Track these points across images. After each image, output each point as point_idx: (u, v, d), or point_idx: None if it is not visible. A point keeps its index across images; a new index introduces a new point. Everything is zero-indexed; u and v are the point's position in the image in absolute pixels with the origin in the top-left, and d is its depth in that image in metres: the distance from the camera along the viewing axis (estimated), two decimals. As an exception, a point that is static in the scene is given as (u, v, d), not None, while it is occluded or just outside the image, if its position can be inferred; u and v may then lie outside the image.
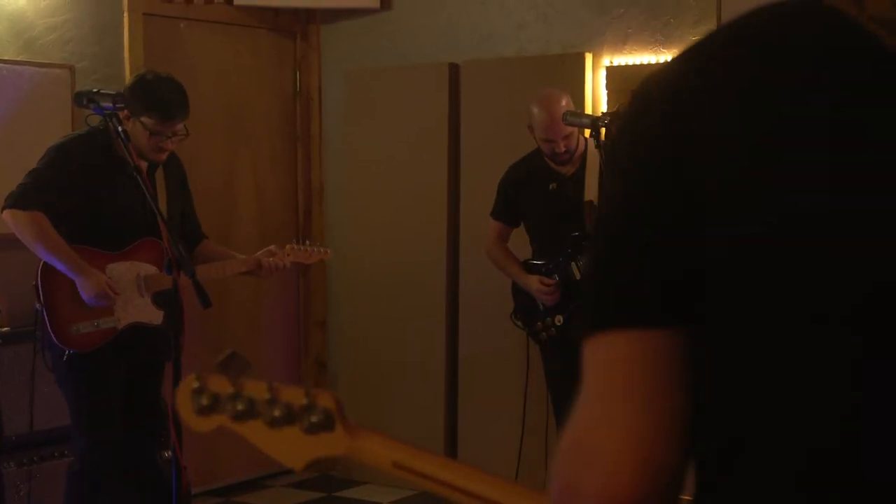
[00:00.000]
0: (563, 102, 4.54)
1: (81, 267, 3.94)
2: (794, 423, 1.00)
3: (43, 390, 4.44)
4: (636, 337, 1.02)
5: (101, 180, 4.01)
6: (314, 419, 1.21)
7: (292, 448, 1.23)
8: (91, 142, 4.05)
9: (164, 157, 4.10)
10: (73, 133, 4.13)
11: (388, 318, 5.92)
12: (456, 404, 5.75)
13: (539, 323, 4.68)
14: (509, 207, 4.80)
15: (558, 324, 4.63)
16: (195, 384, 1.27)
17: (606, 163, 1.14)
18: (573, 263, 4.56)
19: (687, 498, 1.07)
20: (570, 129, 4.48)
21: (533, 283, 4.63)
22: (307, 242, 4.55)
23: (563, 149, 4.53)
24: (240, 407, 1.24)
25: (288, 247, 4.41)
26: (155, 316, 4.10)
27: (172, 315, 3.71)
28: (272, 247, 4.36)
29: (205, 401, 1.26)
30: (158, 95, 4.00)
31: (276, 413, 1.22)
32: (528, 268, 4.72)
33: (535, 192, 4.69)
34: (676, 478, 1.01)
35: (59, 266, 3.93)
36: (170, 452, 3.86)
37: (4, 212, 3.96)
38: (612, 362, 1.03)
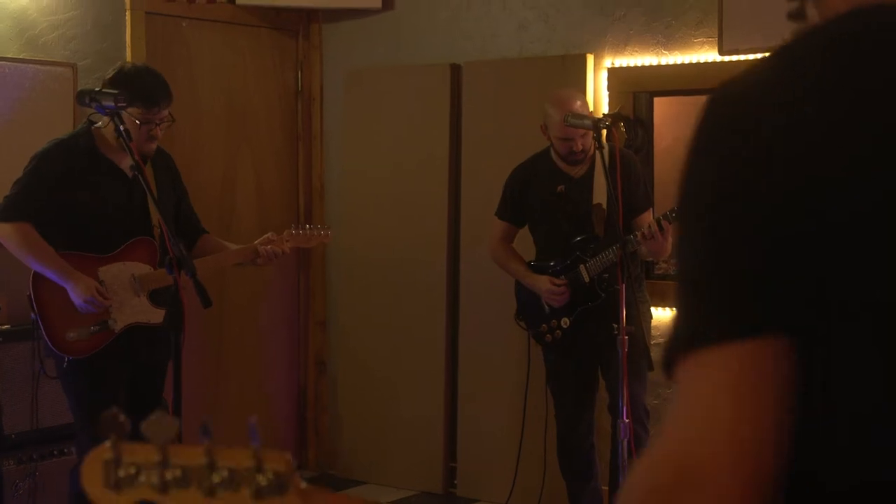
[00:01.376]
0: (579, 103, 4.52)
1: (70, 273, 3.92)
2: None
3: (44, 388, 4.45)
4: (749, 349, 0.97)
5: (87, 183, 3.99)
6: (263, 482, 1.07)
7: None
8: (74, 145, 4.02)
9: (154, 146, 4.08)
10: (57, 138, 4.09)
11: (388, 317, 5.92)
12: (456, 404, 5.75)
13: (544, 325, 4.66)
14: (515, 208, 4.76)
15: (565, 326, 4.60)
16: (108, 455, 1.10)
17: (690, 172, 1.10)
18: (582, 266, 4.54)
19: None
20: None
21: (543, 283, 4.58)
22: (307, 227, 4.47)
23: (581, 147, 4.49)
24: (168, 476, 1.08)
25: (286, 232, 4.35)
26: (153, 315, 4.07)
27: (173, 314, 3.70)
28: (269, 234, 4.31)
29: (122, 473, 1.09)
30: (140, 85, 3.98)
31: (216, 479, 1.07)
32: (535, 269, 4.70)
33: (542, 193, 4.65)
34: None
35: (49, 274, 3.92)
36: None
37: None
38: (721, 379, 0.98)
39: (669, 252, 4.54)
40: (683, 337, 1.01)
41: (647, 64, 5.22)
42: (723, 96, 1.05)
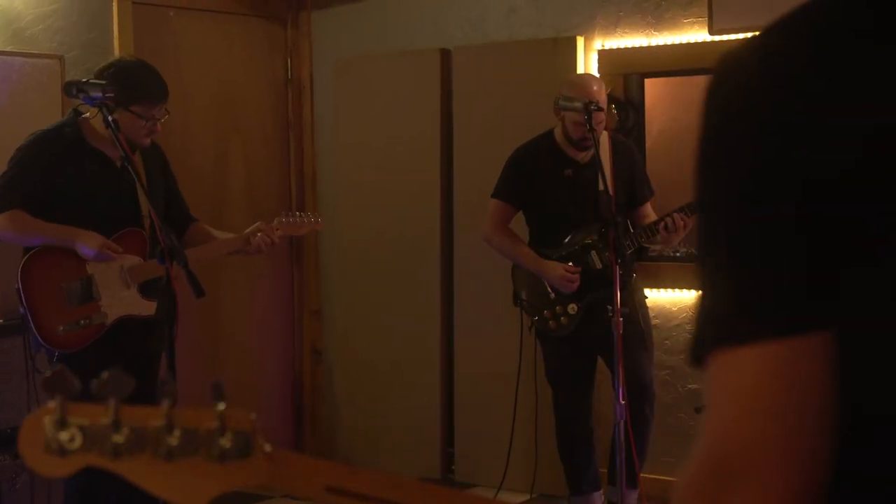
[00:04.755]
0: (595, 87, 4.49)
1: (72, 232, 3.90)
2: None
3: (38, 382, 4.43)
4: (782, 348, 0.93)
5: (74, 173, 3.95)
6: (226, 445, 1.01)
7: (194, 482, 1.02)
8: (58, 136, 3.98)
9: (150, 140, 4.08)
10: (42, 129, 4.05)
11: (383, 304, 5.90)
12: (452, 389, 5.74)
13: (546, 311, 4.62)
14: (518, 189, 4.66)
15: (572, 312, 4.56)
16: (53, 416, 1.01)
17: (704, 160, 1.05)
18: (594, 252, 4.51)
19: None
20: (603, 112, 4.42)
21: (556, 269, 4.52)
22: (298, 214, 4.44)
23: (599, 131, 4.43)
24: (119, 440, 1.00)
25: (276, 220, 4.33)
26: (144, 307, 4.05)
27: (166, 305, 3.67)
28: (259, 223, 4.28)
29: (65, 436, 1.01)
30: (141, 82, 3.97)
31: (173, 442, 1.00)
32: (539, 254, 4.62)
33: (548, 177, 4.59)
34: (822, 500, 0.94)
35: (55, 242, 3.89)
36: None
37: None
38: (758, 379, 0.93)
39: (678, 242, 4.56)
40: (722, 329, 0.96)
41: (637, 45, 5.20)
42: (729, 73, 1.00)
